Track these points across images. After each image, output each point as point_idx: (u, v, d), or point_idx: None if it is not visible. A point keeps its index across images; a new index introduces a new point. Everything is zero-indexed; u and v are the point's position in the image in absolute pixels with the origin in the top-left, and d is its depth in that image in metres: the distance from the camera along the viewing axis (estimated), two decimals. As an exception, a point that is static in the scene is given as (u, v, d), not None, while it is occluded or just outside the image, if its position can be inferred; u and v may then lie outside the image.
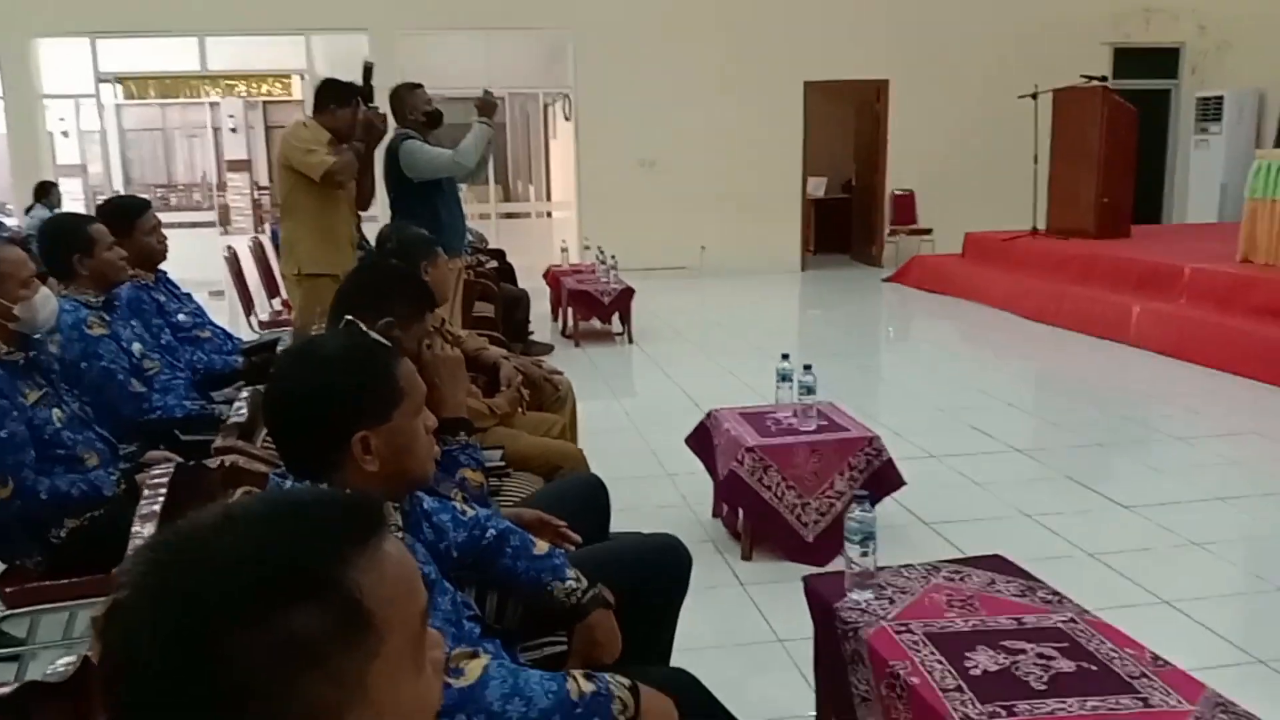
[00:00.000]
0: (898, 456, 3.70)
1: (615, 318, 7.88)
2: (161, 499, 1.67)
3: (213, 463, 1.80)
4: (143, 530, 1.59)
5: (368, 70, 4.52)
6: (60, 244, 3.14)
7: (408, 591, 0.75)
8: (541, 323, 8.16)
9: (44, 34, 10.51)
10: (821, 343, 8.19)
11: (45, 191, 9.34)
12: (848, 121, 12.85)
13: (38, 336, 2.60)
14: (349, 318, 2.02)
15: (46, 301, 2.53)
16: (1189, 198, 11.75)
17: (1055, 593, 2.20)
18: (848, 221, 13.04)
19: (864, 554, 2.23)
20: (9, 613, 2.50)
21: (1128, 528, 3.80)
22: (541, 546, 1.93)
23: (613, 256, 8.04)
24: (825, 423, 3.68)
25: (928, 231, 11.58)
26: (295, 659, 0.66)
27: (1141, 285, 7.55)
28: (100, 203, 3.77)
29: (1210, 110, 11.22)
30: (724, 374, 6.59)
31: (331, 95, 4.46)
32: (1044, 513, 3.94)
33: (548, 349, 7.34)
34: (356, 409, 1.49)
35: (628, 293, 7.74)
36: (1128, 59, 11.85)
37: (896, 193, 11.84)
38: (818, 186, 12.84)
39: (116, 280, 3.23)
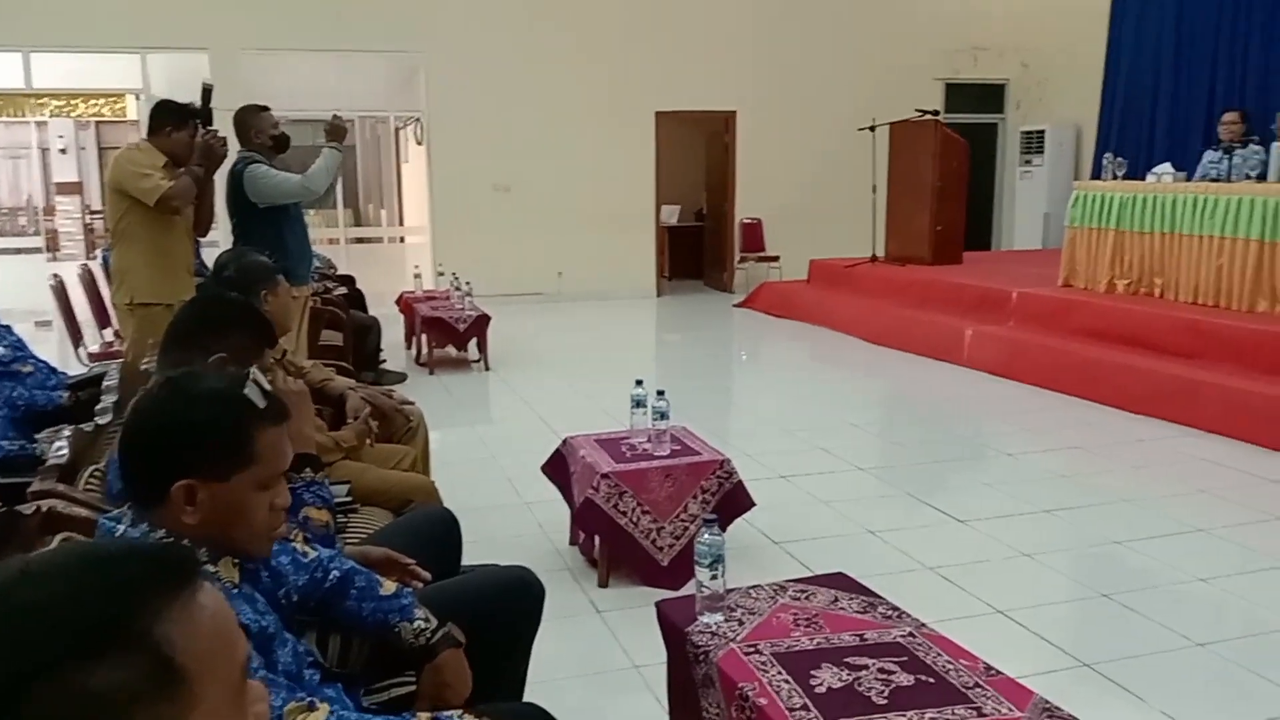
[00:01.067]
0: (749, 478, 3.79)
1: (471, 344, 7.80)
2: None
3: (28, 508, 1.68)
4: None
5: (207, 92, 4.36)
6: None
7: (225, 644, 0.73)
8: (394, 351, 8.00)
9: None
10: (676, 366, 8.32)
11: None
12: (699, 151, 13.16)
13: None
14: (250, 367, 1.91)
15: None
16: (1015, 226, 12.52)
17: (895, 608, 2.28)
18: (700, 248, 13.34)
19: (713, 577, 2.26)
20: None
21: (964, 541, 3.99)
22: (388, 586, 1.88)
23: (467, 282, 7.96)
24: (679, 447, 3.73)
25: (775, 258, 11.94)
26: (97, 716, 0.64)
27: (973, 309, 7.99)
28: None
29: (1033, 143, 12.00)
30: (581, 399, 6.61)
31: (167, 117, 4.31)
32: (887, 529, 4.10)
33: (400, 378, 7.20)
34: (196, 455, 1.42)
35: (483, 319, 7.67)
36: (958, 94, 12.58)
37: (745, 221, 12.17)
38: (671, 214, 13.08)
39: None
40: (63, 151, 19.19)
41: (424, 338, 7.80)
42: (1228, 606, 3.39)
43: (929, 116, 9.56)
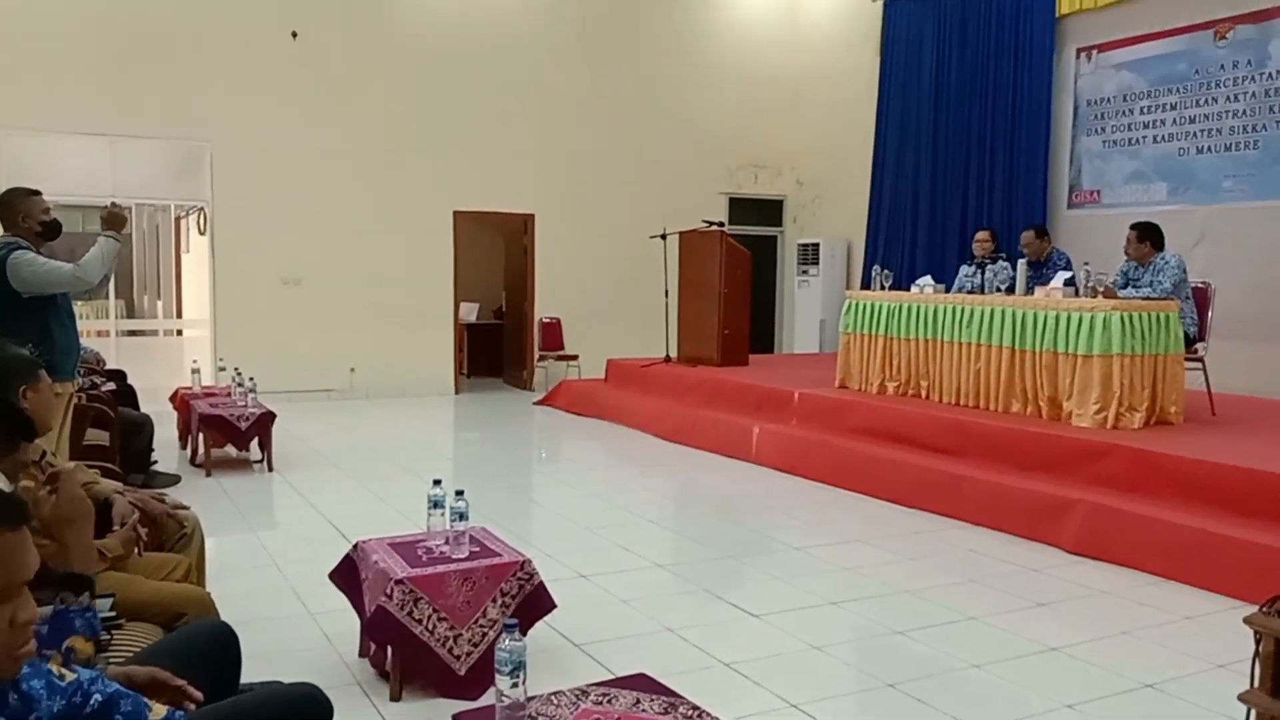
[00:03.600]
0: (549, 578, 3.74)
1: (254, 444, 7.40)
2: None
3: None
4: None
5: None
6: None
7: None
8: (167, 450, 7.48)
9: None
10: (475, 465, 8.19)
11: None
12: (498, 250, 13.28)
13: None
14: None
15: None
16: (795, 330, 13.27)
17: (696, 707, 2.30)
18: (499, 346, 13.33)
19: (514, 685, 2.21)
20: None
21: (758, 635, 4.08)
22: (158, 711, 1.72)
23: (251, 378, 7.59)
24: (478, 548, 3.65)
25: (574, 357, 12.09)
26: None
27: (759, 408, 8.35)
28: None
29: (809, 254, 12.84)
30: (374, 501, 6.37)
31: None
32: (685, 625, 4.14)
33: (174, 480, 6.72)
34: None
35: (268, 416, 7.30)
36: (741, 207, 13.37)
37: (544, 320, 12.29)
38: (470, 311, 13.05)
39: None
40: None
41: (201, 436, 7.33)
42: (996, 690, 3.62)
43: (715, 227, 10.06)
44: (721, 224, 10.31)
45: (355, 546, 3.76)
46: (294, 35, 10.70)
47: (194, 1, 10.33)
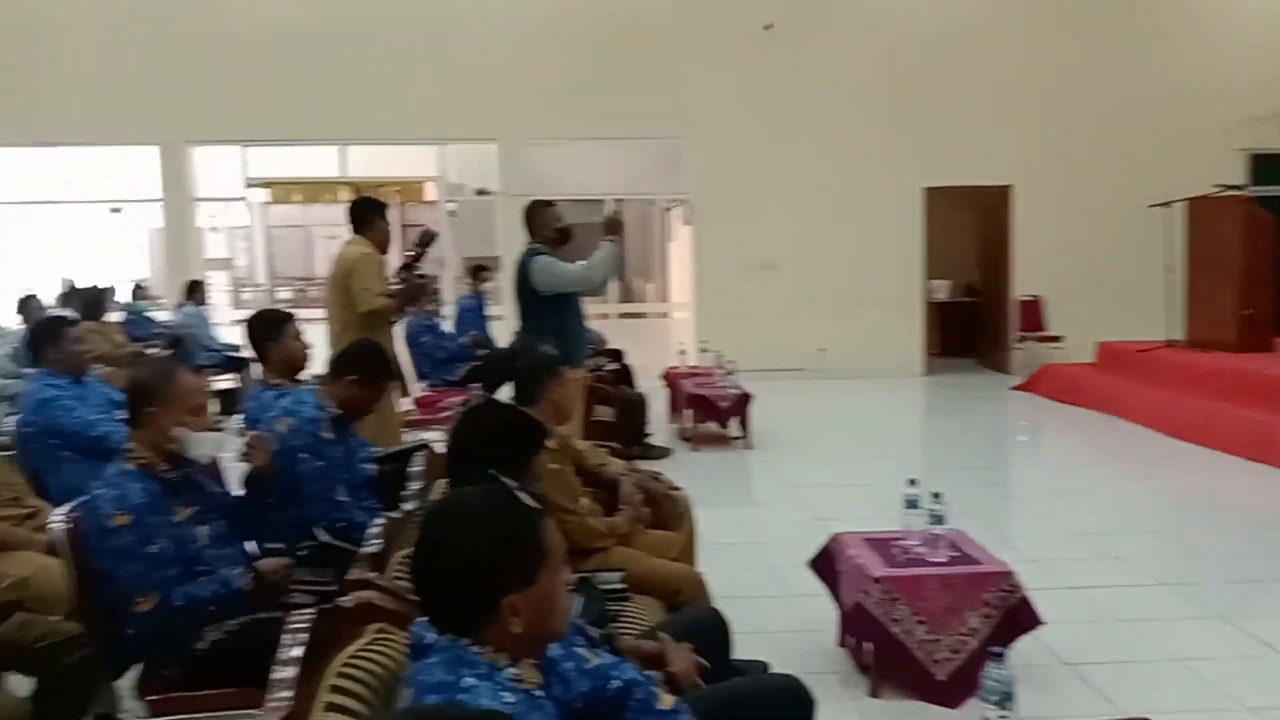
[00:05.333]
0: (1033, 586, 3.49)
1: (734, 421, 7.84)
2: (304, 644, 1.69)
3: (347, 601, 1.82)
4: (286, 672, 1.62)
5: (428, 238, 4.98)
6: (257, 330, 3.78)
7: None
8: (658, 424, 8.16)
9: (200, 142, 11.30)
10: (948, 455, 7.92)
11: (194, 290, 9.90)
12: (970, 226, 12.70)
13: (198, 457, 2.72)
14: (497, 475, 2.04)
15: (202, 443, 2.64)
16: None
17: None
18: (972, 325, 12.76)
19: (1003, 716, 2.10)
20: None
21: (1293, 680, 3.50)
22: (665, 700, 1.88)
23: (730, 360, 8.03)
24: (956, 554, 3.52)
25: (1058, 339, 11.23)
26: None
27: (1293, 403, 7.11)
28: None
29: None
30: (847, 485, 6.44)
31: (372, 210, 5.08)
32: (1196, 657, 3.66)
33: (665, 453, 7.33)
34: (505, 574, 1.53)
35: (745, 398, 7.69)
36: (1267, 165, 11.41)
37: (1023, 298, 11.55)
38: (940, 289, 12.64)
39: (300, 366, 3.73)
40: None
41: (688, 413, 7.93)
42: None
43: (1232, 191, 8.71)
44: (1241, 187, 8.90)
45: (833, 538, 3.82)
46: (768, 27, 11.05)
47: (673, 6, 11.12)
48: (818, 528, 4.23)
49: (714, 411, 7.77)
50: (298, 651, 1.69)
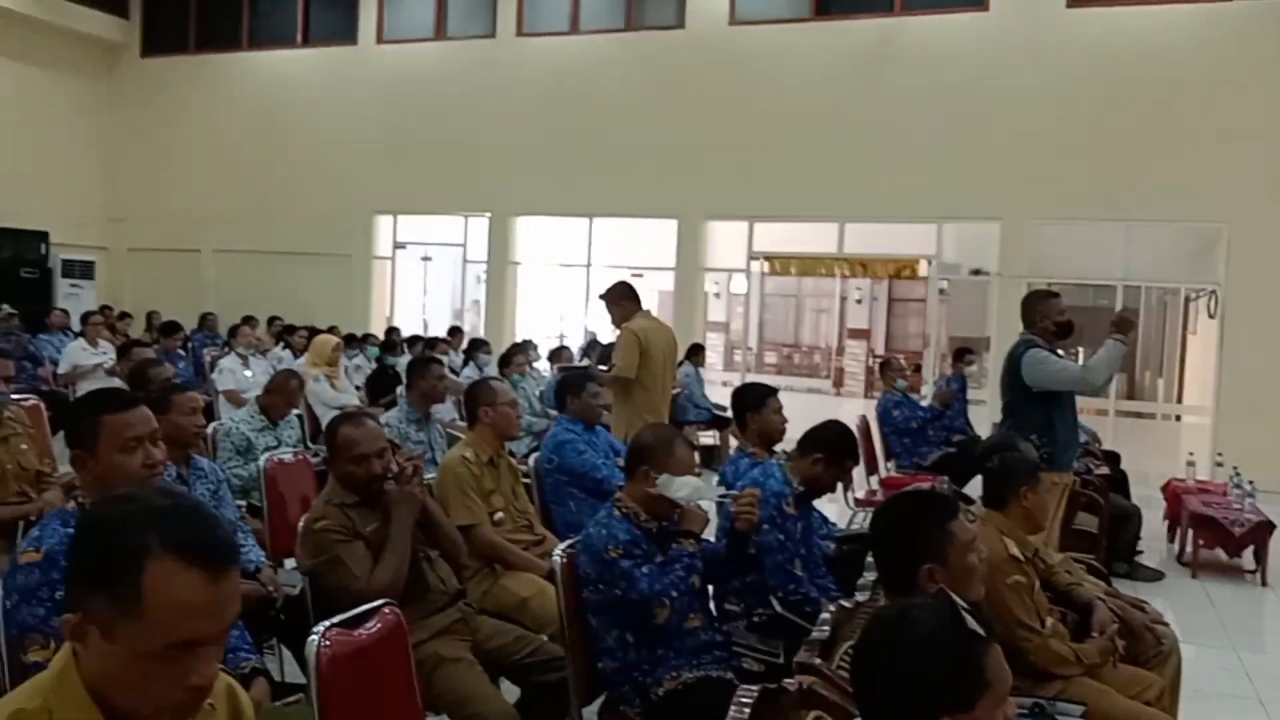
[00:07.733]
0: None
1: (1247, 552, 6.77)
2: (745, 717, 1.81)
3: (791, 684, 1.91)
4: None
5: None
6: (742, 400, 4.22)
7: None
8: (1153, 543, 7.31)
9: (714, 217, 12.45)
10: None
11: (694, 353, 10.63)
12: None
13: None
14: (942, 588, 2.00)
15: (683, 486, 2.92)
16: None
17: None
18: None
19: None
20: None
21: None
22: None
23: (1250, 481, 6.96)
24: None
25: None
26: None
27: None
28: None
29: None
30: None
31: (630, 295, 5.57)
32: None
33: (1157, 576, 6.55)
34: (940, 696, 1.51)
35: (1266, 526, 6.61)
36: None
37: None
38: None
39: (776, 439, 4.09)
40: (858, 302, 21.75)
41: (1190, 535, 7.00)
42: None
43: None
44: None
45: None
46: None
47: (1217, 75, 10.03)
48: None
49: (1223, 537, 6.76)
50: (740, 724, 1.80)
